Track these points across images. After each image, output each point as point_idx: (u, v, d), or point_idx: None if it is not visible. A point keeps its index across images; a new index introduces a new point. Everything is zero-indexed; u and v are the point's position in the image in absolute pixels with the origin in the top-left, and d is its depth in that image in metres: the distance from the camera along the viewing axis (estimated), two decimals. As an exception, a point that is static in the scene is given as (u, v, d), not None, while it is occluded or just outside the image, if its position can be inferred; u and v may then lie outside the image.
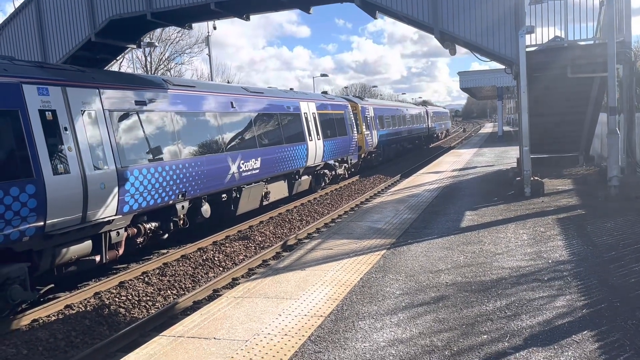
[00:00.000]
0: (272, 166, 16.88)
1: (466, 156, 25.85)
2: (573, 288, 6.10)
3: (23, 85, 8.86)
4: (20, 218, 8.39)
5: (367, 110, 29.63)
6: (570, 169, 16.63)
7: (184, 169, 12.45)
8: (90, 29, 14.07)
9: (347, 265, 7.63)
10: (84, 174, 9.65)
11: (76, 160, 9.57)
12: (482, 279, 6.65)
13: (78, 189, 9.48)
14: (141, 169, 11.11)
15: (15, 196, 8.31)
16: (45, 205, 8.77)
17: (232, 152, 14.57)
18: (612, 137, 11.78)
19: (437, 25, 12.70)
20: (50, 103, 9.31)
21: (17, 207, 8.33)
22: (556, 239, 8.38)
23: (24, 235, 8.51)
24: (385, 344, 4.92)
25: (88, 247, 10.02)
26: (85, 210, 9.64)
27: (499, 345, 4.76)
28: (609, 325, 5.04)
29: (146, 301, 9.80)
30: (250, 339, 5.18)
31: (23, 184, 8.45)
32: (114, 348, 7.73)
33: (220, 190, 14.12)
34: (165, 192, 11.82)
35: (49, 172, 8.93)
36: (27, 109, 8.82)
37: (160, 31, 39.48)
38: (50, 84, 9.44)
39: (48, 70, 9.82)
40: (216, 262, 12.09)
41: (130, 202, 10.78)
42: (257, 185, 16.08)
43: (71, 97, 9.78)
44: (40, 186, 8.70)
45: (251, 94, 16.94)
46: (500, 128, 44.23)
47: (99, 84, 10.61)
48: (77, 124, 9.78)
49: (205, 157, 13.40)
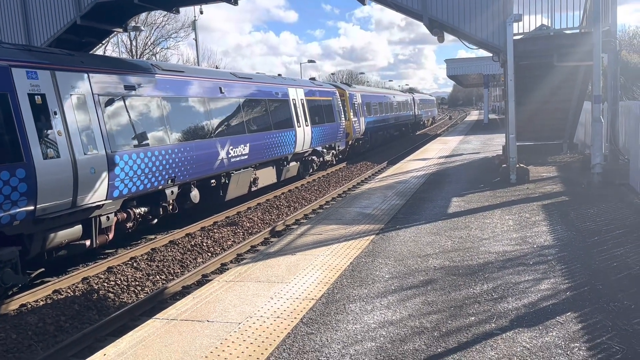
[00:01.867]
0: (260, 152, 16.95)
1: (452, 143, 26.05)
2: (557, 272, 6.26)
3: (12, 69, 8.82)
4: (10, 202, 8.42)
5: (354, 97, 29.72)
6: (555, 157, 16.90)
7: (173, 154, 12.47)
8: (76, 12, 13.86)
9: (337, 250, 7.73)
10: (74, 159, 9.65)
11: (66, 144, 9.56)
12: (469, 263, 6.79)
13: (68, 173, 9.48)
14: (131, 154, 11.12)
15: (5, 180, 8.35)
16: (36, 189, 8.80)
17: (221, 138, 14.61)
18: (596, 125, 11.98)
19: (425, 12, 12.74)
20: (40, 87, 9.27)
21: (7, 191, 8.37)
22: (541, 225, 8.56)
23: (15, 219, 8.54)
24: (376, 326, 5.03)
25: (78, 232, 10.05)
26: (75, 195, 9.66)
27: (486, 326, 4.90)
28: (592, 307, 5.20)
29: (135, 286, 9.82)
30: (244, 322, 5.26)
31: (13, 168, 8.47)
32: (103, 332, 7.76)
33: (210, 175, 14.16)
34: (154, 177, 11.82)
35: (39, 156, 8.93)
36: (17, 93, 8.78)
37: (146, 15, 38.91)
38: (39, 68, 9.37)
39: (37, 53, 9.72)
40: (204, 247, 12.12)
41: (120, 186, 10.80)
42: (245, 171, 16.15)
43: (60, 81, 9.73)
44: (30, 170, 8.71)
45: (240, 79, 16.94)
46: (486, 116, 44.58)
47: (88, 68, 10.54)
48: (67, 108, 9.74)
49: (195, 142, 13.42)
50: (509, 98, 12.54)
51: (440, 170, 16.17)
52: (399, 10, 13.76)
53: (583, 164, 14.40)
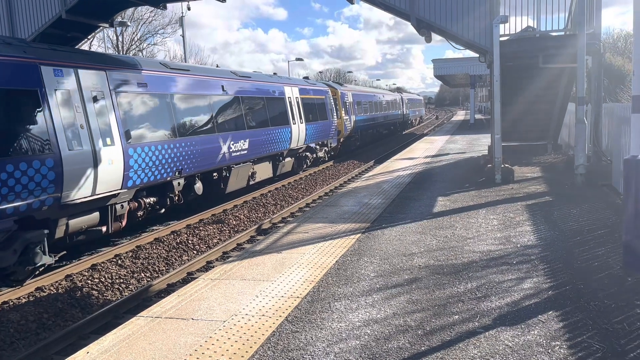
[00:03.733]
0: (259, 147, 17.71)
1: (439, 143, 26.21)
2: (540, 271, 6.34)
3: (41, 67, 9.53)
4: (40, 189, 9.16)
5: (346, 96, 30.37)
6: (539, 157, 17.08)
7: (181, 148, 13.24)
8: (61, 6, 13.68)
9: (323, 248, 7.75)
10: (94, 150, 10.43)
11: (88, 137, 10.31)
12: (454, 262, 6.85)
13: (89, 163, 10.27)
14: (143, 147, 11.90)
15: (37, 169, 9.08)
16: (62, 177, 9.55)
17: (223, 133, 15.36)
18: (580, 127, 12.13)
19: (413, 12, 12.79)
20: (65, 84, 10.01)
21: (38, 178, 9.11)
22: (525, 225, 8.66)
23: (44, 205, 9.29)
24: (361, 324, 5.06)
25: (96, 218, 10.83)
26: (95, 184, 10.41)
27: (469, 324, 4.95)
28: (573, 306, 5.27)
29: (119, 284, 9.76)
30: (228, 320, 5.25)
31: (43, 158, 9.22)
32: (87, 330, 7.71)
33: (212, 169, 14.95)
34: (164, 169, 12.61)
35: (64, 147, 9.69)
36: (45, 89, 9.49)
37: (133, 10, 38.58)
38: (64, 66, 10.11)
39: (61, 53, 10.48)
40: (190, 245, 12.07)
41: (133, 177, 11.54)
42: (245, 165, 16.89)
43: (82, 78, 10.48)
44: (57, 160, 9.48)
45: (240, 78, 17.66)
46: (472, 116, 44.87)
47: (106, 66, 11.30)
48: (87, 103, 10.48)
49: (200, 137, 14.22)
50: (495, 99, 12.65)
51: (427, 169, 16.27)
52: (387, 10, 13.81)
53: (567, 164, 14.57)
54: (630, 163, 6.15)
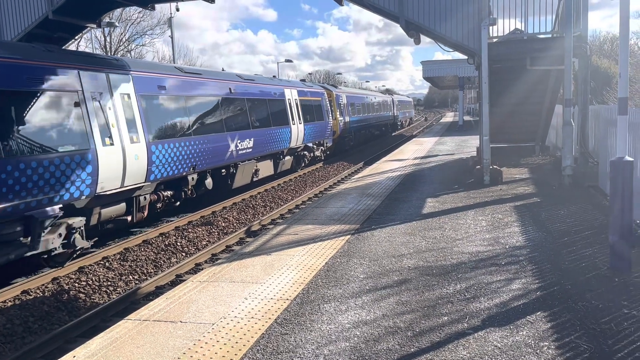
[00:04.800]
0: (262, 146, 18.89)
1: (428, 145, 26.31)
2: (528, 272, 6.37)
3: (80, 72, 10.67)
4: (80, 180, 10.22)
5: (340, 98, 31.46)
6: (527, 158, 17.20)
7: (195, 146, 14.37)
8: (48, 6, 13.56)
9: (313, 250, 7.73)
10: (123, 146, 11.46)
11: (118, 134, 11.37)
12: (443, 263, 6.87)
13: (119, 158, 11.31)
14: (164, 144, 13.00)
15: (77, 162, 10.16)
16: (98, 170, 10.63)
17: (231, 132, 16.50)
18: (567, 128, 12.24)
19: (402, 14, 12.84)
20: (98, 87, 11.10)
21: (79, 171, 10.16)
22: (513, 226, 8.71)
23: (82, 195, 10.34)
24: (350, 326, 5.05)
25: (123, 208, 11.92)
26: (123, 177, 11.46)
27: (458, 326, 4.96)
28: (561, 307, 5.31)
29: (107, 286, 9.66)
30: (217, 322, 5.22)
31: (83, 153, 10.32)
32: (74, 333, 7.62)
33: (221, 165, 16.10)
34: (181, 165, 13.72)
35: (99, 143, 10.77)
36: (84, 92, 10.63)
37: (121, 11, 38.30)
38: (98, 71, 11.21)
39: (96, 59, 11.69)
40: (179, 247, 11.99)
41: (155, 171, 12.63)
42: (249, 163, 18.06)
43: (112, 82, 11.58)
44: (94, 155, 10.55)
45: (245, 80, 18.86)
46: (461, 117, 45.12)
47: (132, 71, 12.39)
48: (117, 104, 11.56)
49: (211, 135, 15.33)
50: (483, 100, 12.72)
51: (416, 171, 16.32)
52: (376, 12, 13.84)
53: (554, 166, 14.68)
54: (617, 165, 6.21)
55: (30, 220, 9.12)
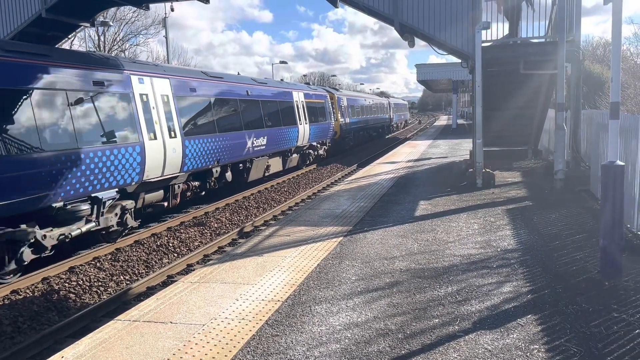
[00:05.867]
0: (274, 144, 20.67)
1: (421, 147, 26.37)
2: (519, 275, 6.39)
3: (131, 76, 12.35)
4: (132, 169, 11.85)
5: (342, 100, 33.19)
6: (520, 162, 17.25)
7: (219, 142, 16.01)
8: (41, 5, 13.49)
9: (305, 251, 7.72)
10: (164, 141, 13.08)
11: (160, 130, 12.97)
12: (435, 265, 6.87)
13: (161, 150, 12.94)
14: (195, 140, 14.58)
15: (130, 153, 11.77)
16: (145, 161, 12.26)
17: (248, 131, 18.23)
18: (559, 133, 12.29)
19: (397, 17, 12.86)
20: (145, 89, 12.71)
21: (130, 161, 11.77)
22: (505, 229, 8.73)
23: (133, 181, 11.98)
24: (341, 328, 5.04)
25: (161, 195, 13.61)
26: (164, 167, 13.09)
27: (449, 328, 4.96)
28: (551, 310, 5.32)
29: (98, 287, 9.60)
30: (208, 323, 5.20)
31: (133, 146, 11.93)
32: (63, 334, 7.57)
33: (239, 160, 17.78)
34: (208, 158, 15.33)
35: (146, 137, 12.39)
36: (134, 93, 12.29)
37: (115, 10, 38.17)
38: (144, 75, 12.85)
39: (140, 65, 13.32)
40: (170, 248, 11.94)
41: (188, 163, 14.20)
42: (262, 159, 19.73)
43: (155, 85, 13.20)
44: (142, 147, 12.20)
45: (259, 84, 20.69)
46: (455, 121, 45.31)
47: (169, 75, 14.04)
48: (158, 104, 13.16)
49: (232, 133, 17.03)
50: (477, 104, 12.76)
51: (409, 173, 16.34)
52: (371, 14, 13.86)
53: (546, 169, 14.74)
54: (608, 169, 6.24)
55: (95, 201, 10.95)
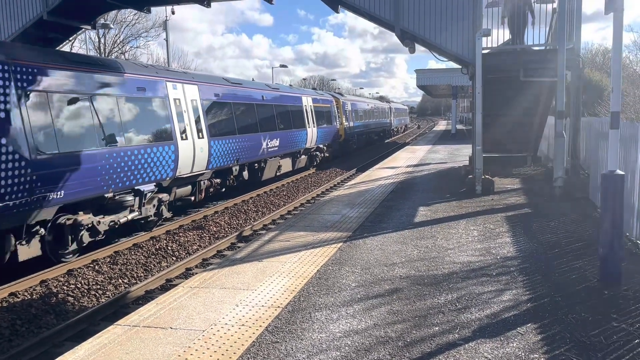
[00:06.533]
0: (285, 145, 22.25)
1: (420, 153, 26.39)
2: (519, 283, 6.39)
3: (167, 83, 13.85)
4: (167, 165, 13.29)
5: (346, 105, 34.86)
6: (519, 169, 17.29)
7: (239, 143, 17.64)
8: (43, 7, 13.50)
9: (304, 257, 7.72)
10: (193, 141, 14.56)
11: (190, 131, 14.45)
12: (435, 272, 6.88)
13: (191, 150, 14.38)
14: (218, 140, 16.16)
15: (166, 151, 13.22)
16: (178, 158, 13.69)
17: (263, 133, 19.81)
18: (559, 140, 12.32)
19: (398, 23, 12.91)
20: (177, 94, 14.17)
21: (166, 158, 13.23)
22: (504, 236, 8.74)
23: (168, 176, 13.40)
24: (341, 335, 5.03)
25: (189, 190, 15.09)
26: (193, 164, 14.50)
27: (449, 336, 4.96)
28: (551, 319, 5.33)
29: (96, 290, 9.58)
30: (208, 329, 5.19)
31: (169, 145, 13.40)
32: (61, 337, 7.54)
33: (255, 160, 19.33)
34: (229, 158, 16.92)
35: (179, 138, 13.85)
36: (169, 97, 13.78)
37: (116, 13, 38.22)
38: (177, 82, 14.35)
39: (173, 73, 14.97)
40: (169, 251, 11.93)
41: (212, 162, 15.72)
42: (275, 159, 21.32)
43: (186, 90, 14.71)
44: (175, 146, 13.65)
45: (272, 89, 22.60)
46: (454, 126, 45.35)
47: (197, 82, 15.63)
48: (189, 108, 14.67)
49: (250, 135, 18.65)
50: (477, 110, 12.79)
51: (408, 179, 16.36)
52: (372, 20, 13.91)
53: (546, 177, 14.77)
54: (608, 178, 6.26)
55: (137, 193, 12.39)
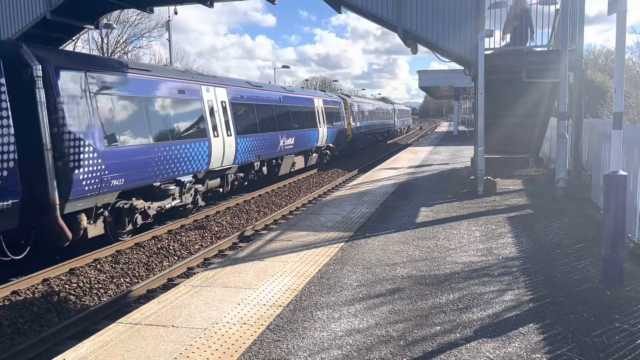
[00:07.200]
0: (299, 144, 24.06)
1: (422, 154, 26.38)
2: (521, 283, 6.39)
3: (201, 86, 15.62)
4: (202, 159, 14.92)
5: (353, 106, 36.55)
6: (521, 170, 17.27)
7: (260, 140, 19.38)
8: (46, 7, 13.53)
9: (306, 256, 7.72)
10: (223, 138, 16.23)
11: (220, 129, 16.12)
12: (436, 272, 6.87)
13: (221, 146, 16.02)
14: (244, 138, 17.93)
15: (201, 147, 14.83)
16: (210, 153, 15.32)
17: (280, 132, 21.58)
18: (561, 141, 12.30)
19: (400, 24, 12.90)
20: (209, 96, 15.90)
21: (202, 153, 14.84)
22: (506, 237, 8.73)
23: (202, 169, 15.06)
24: (343, 334, 5.04)
25: (218, 182, 16.77)
26: (222, 159, 16.20)
27: (451, 336, 4.96)
28: (553, 319, 5.32)
29: (98, 289, 9.60)
30: (209, 328, 5.19)
31: (203, 141, 15.03)
32: (63, 336, 7.56)
33: (273, 157, 21.10)
34: (252, 154, 18.62)
35: (211, 135, 15.50)
36: (203, 100, 15.52)
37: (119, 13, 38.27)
38: (209, 85, 16.14)
39: (205, 77, 16.97)
40: (171, 251, 11.94)
41: (239, 157, 17.50)
42: (290, 156, 23.00)
43: (216, 93, 16.46)
44: (209, 143, 15.31)
45: (289, 92, 24.53)
46: (456, 127, 45.33)
47: (226, 85, 17.49)
48: (219, 108, 16.36)
49: (269, 134, 20.38)
50: (479, 111, 12.78)
51: (410, 180, 16.35)
52: (374, 21, 13.91)
53: (548, 178, 14.75)
54: (610, 178, 6.25)
55: (179, 183, 13.96)
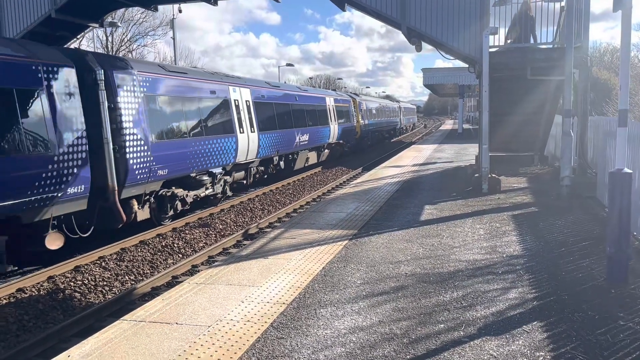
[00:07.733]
0: (313, 140, 25.60)
1: (427, 152, 26.33)
2: (525, 281, 6.37)
3: (229, 86, 17.13)
4: (230, 153, 16.39)
5: (362, 105, 38.04)
6: (526, 168, 17.22)
7: (279, 136, 20.85)
8: (51, 5, 13.57)
9: (310, 254, 7.73)
10: (247, 134, 17.69)
11: (245, 126, 17.62)
12: (440, 270, 6.87)
13: (246, 141, 17.56)
14: (265, 134, 19.38)
15: (230, 142, 16.40)
16: (237, 148, 16.86)
17: (296, 129, 23.13)
18: (566, 139, 12.25)
19: (404, 21, 12.88)
20: (236, 96, 17.45)
21: (229, 148, 16.34)
22: (511, 235, 8.71)
23: (230, 162, 16.57)
24: (346, 331, 5.04)
25: (243, 175, 18.27)
26: (247, 153, 17.70)
27: (454, 334, 4.95)
28: (557, 317, 5.31)
29: (103, 286, 9.64)
30: (213, 325, 5.21)
31: (231, 137, 16.59)
32: (68, 333, 7.60)
33: (289, 152, 22.65)
34: (272, 149, 20.17)
35: (238, 131, 17.04)
36: (230, 99, 16.96)
37: (123, 11, 38.37)
38: (236, 86, 17.64)
39: (231, 78, 18.26)
40: (175, 248, 11.97)
41: (261, 152, 19.01)
42: (304, 152, 24.65)
43: (242, 92, 17.94)
44: (236, 138, 16.87)
45: (303, 91, 26.34)
46: (461, 125, 45.22)
47: (249, 85, 19.05)
48: (244, 107, 17.86)
49: (287, 130, 21.92)
50: (483, 109, 12.74)
51: (414, 177, 16.33)
52: (379, 19, 13.88)
53: (553, 176, 14.70)
54: (615, 176, 6.23)
55: (211, 174, 15.32)
